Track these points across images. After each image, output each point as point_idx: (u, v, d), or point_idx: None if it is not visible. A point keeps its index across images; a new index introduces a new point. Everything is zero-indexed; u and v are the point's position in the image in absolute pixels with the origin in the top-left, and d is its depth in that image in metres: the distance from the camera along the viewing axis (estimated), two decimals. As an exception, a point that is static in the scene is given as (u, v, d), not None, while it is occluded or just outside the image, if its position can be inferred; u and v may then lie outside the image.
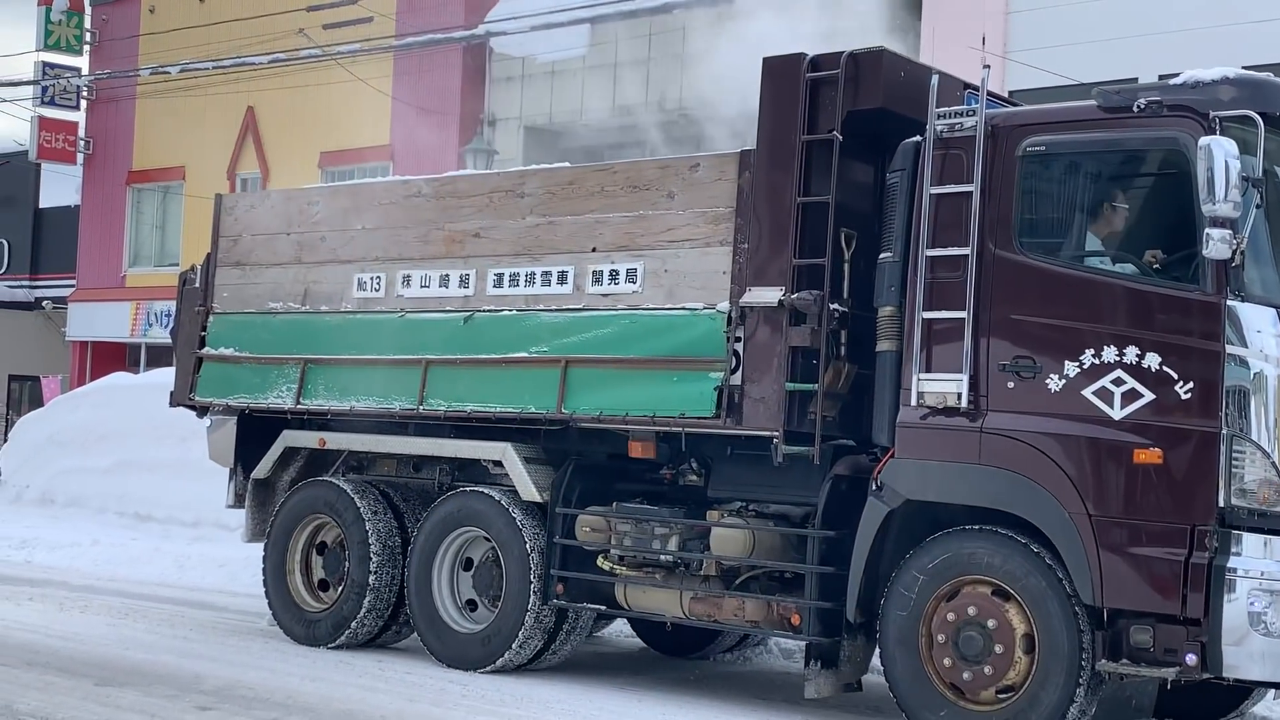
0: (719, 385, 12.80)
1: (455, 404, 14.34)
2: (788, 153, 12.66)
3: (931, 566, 11.88)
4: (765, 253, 12.73)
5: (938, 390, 11.92)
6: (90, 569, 21.71)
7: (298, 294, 15.69)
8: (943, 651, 11.80)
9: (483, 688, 13.34)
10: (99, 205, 42.11)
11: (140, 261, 41.64)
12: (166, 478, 26.61)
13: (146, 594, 19.15)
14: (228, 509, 16.76)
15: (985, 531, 11.75)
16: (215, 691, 12.57)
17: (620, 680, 14.33)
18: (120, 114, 41.24)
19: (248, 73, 36.10)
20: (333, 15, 35.55)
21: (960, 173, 11.99)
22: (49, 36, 41.55)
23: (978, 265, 11.81)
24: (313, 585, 15.78)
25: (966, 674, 11.70)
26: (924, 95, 12.42)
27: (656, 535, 13.43)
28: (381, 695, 12.86)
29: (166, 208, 40.94)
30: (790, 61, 12.82)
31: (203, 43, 37.27)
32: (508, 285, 14.22)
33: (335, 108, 35.24)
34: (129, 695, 12.28)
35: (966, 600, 11.74)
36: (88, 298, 41.80)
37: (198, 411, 16.77)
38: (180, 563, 22.00)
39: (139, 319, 40.25)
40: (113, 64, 40.98)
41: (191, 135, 39.04)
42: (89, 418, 29.13)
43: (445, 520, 14.57)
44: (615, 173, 13.88)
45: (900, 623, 11.97)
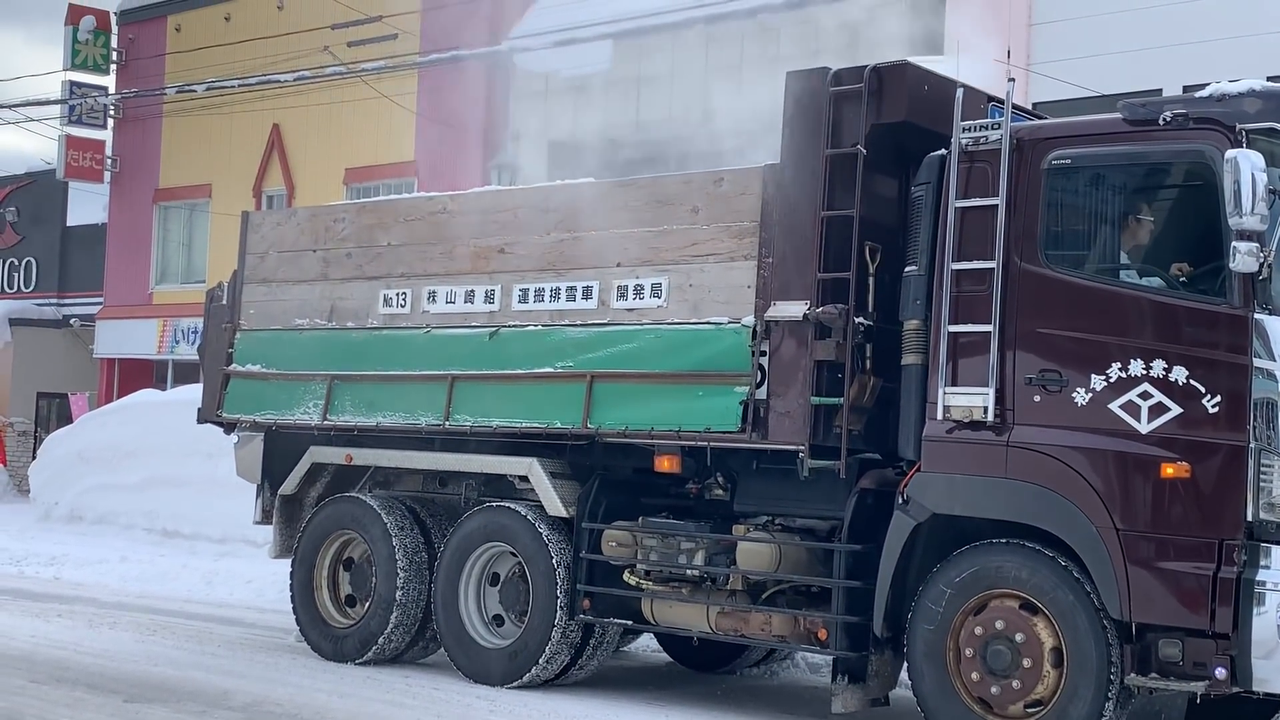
0: (744, 399, 12.77)
1: (481, 419, 14.30)
2: (812, 167, 12.64)
3: (959, 580, 11.83)
4: (790, 267, 12.71)
5: (964, 404, 11.86)
6: (119, 585, 21.69)
7: (324, 310, 15.67)
8: (971, 665, 11.75)
9: (509, 703, 13.34)
10: (126, 223, 41.95)
11: (167, 279, 41.43)
12: (194, 494, 26.67)
13: (174, 610, 19.17)
14: (255, 525, 16.68)
15: (1013, 545, 11.69)
16: (244, 708, 12.57)
17: (647, 695, 14.29)
18: (147, 132, 41.09)
19: (273, 90, 36.03)
20: (357, 33, 35.31)
21: (986, 186, 11.93)
22: (76, 56, 41.38)
23: (1003, 278, 11.74)
24: (340, 601, 15.75)
25: (995, 688, 11.65)
26: (947, 108, 12.37)
27: (683, 550, 13.39)
28: (408, 711, 12.86)
29: (193, 225, 40.73)
30: (813, 75, 12.82)
31: (228, 61, 37.20)
32: (533, 300, 14.20)
33: (360, 125, 35.16)
34: (158, 712, 12.29)
35: (994, 614, 11.69)
36: (115, 315, 41.63)
37: (225, 428, 16.74)
38: (208, 579, 22.04)
39: (166, 336, 40.02)
40: (139, 83, 40.88)
41: (217, 153, 38.95)
42: (117, 435, 29.13)
43: (471, 535, 14.54)
44: (639, 188, 13.85)
45: (928, 637, 11.92)
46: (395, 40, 34.65)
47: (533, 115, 33.32)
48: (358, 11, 35.03)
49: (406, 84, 34.67)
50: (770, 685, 15.38)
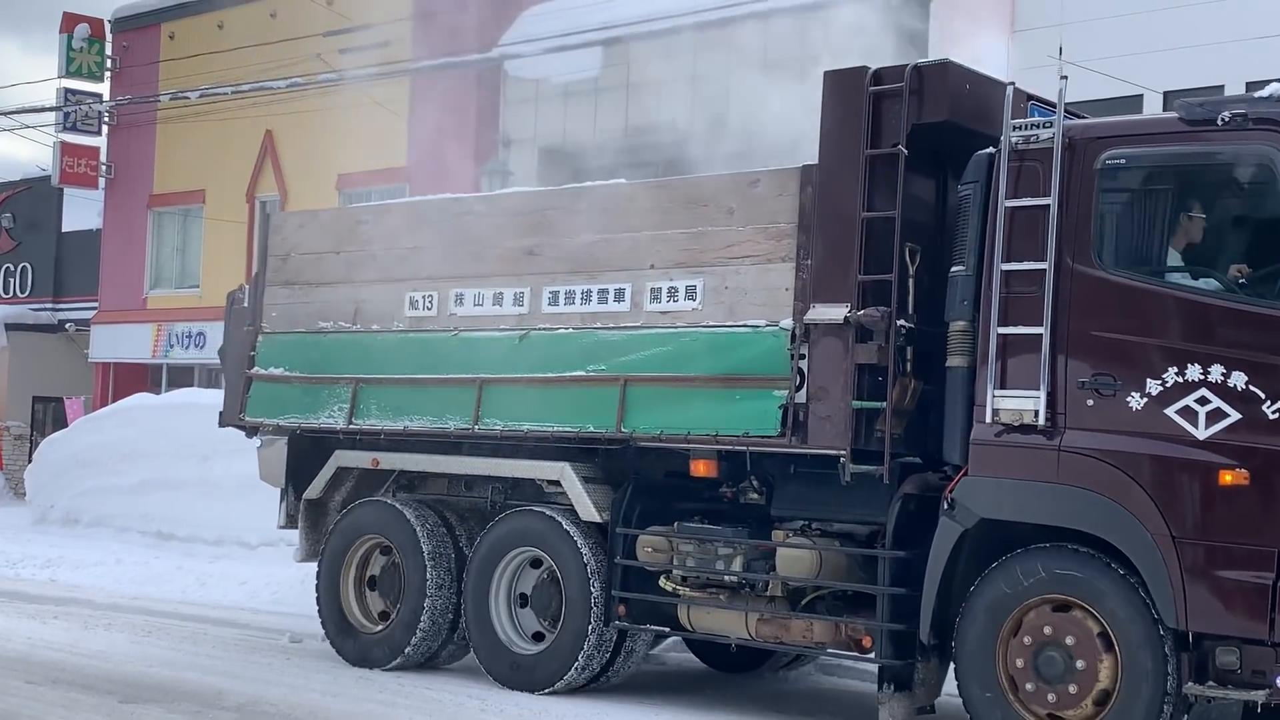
0: (784, 403, 12.24)
1: (511, 423, 13.76)
2: (851, 167, 12.10)
3: (1009, 586, 11.30)
4: (829, 269, 12.18)
5: (1014, 407, 11.33)
6: (114, 587, 21.44)
7: (348, 313, 15.10)
8: (1022, 672, 11.23)
9: (499, 703, 13.05)
10: (120, 229, 41.47)
11: (161, 284, 40.96)
12: (188, 497, 26.31)
13: (169, 612, 18.90)
14: (279, 529, 16.15)
15: (1065, 550, 11.18)
16: (238, 708, 12.36)
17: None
18: (141, 139, 40.59)
19: (266, 97, 35.59)
20: (349, 40, 34.66)
21: (1036, 185, 11.41)
22: (71, 63, 41.01)
23: (1055, 280, 11.22)
24: (366, 606, 15.19)
25: (1048, 694, 11.14)
26: (988, 107, 11.95)
27: (720, 555, 12.87)
28: (401, 711, 12.60)
29: (187, 231, 40.29)
30: (852, 75, 12.28)
31: (222, 68, 36.61)
32: (563, 303, 13.66)
33: (352, 131, 34.14)
34: (153, 712, 12.09)
35: (1047, 620, 11.17)
36: (110, 320, 41.19)
37: (247, 431, 16.15)
38: (202, 581, 21.79)
39: (160, 340, 39.68)
40: (133, 90, 40.34)
41: (211, 159, 38.47)
42: (112, 438, 28.76)
43: (502, 540, 14.02)
44: (672, 189, 13.33)
45: (977, 643, 11.40)
46: (386, 47, 34.11)
47: (524, 121, 33.05)
48: (349, 19, 34.60)
49: (398, 91, 34.27)
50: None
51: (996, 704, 11.31)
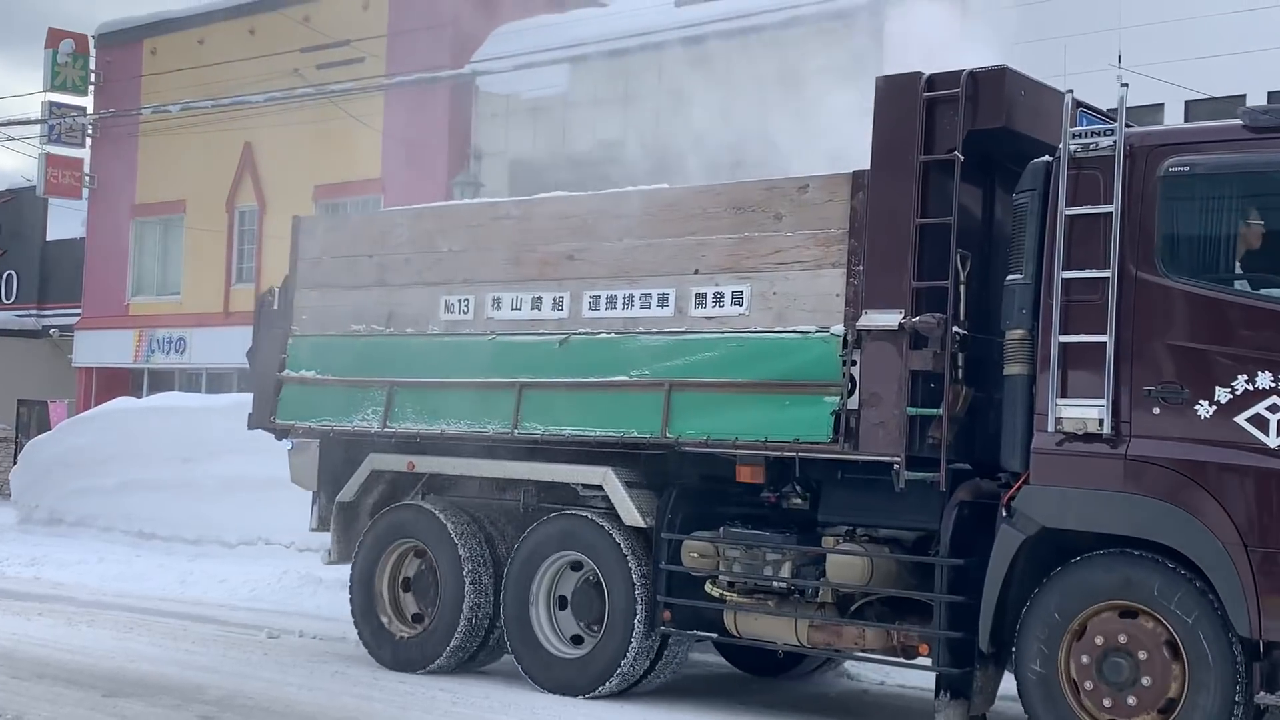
0: (835, 409, 11.52)
1: (552, 427, 13.00)
2: (905, 173, 11.40)
3: (1075, 592, 10.61)
4: (882, 275, 11.47)
5: (1077, 416, 10.64)
6: (97, 585, 20.96)
7: (381, 316, 14.31)
8: (1086, 678, 10.53)
9: (471, 696, 12.61)
10: (103, 237, 40.86)
11: (143, 291, 40.40)
12: (169, 498, 25.84)
13: (151, 608, 18.41)
14: (311, 532, 15.38)
15: (1133, 557, 10.48)
16: (217, 701, 12.05)
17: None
18: (123, 151, 39.99)
19: (245, 111, 35.27)
20: (326, 56, 34.48)
21: (1095, 193, 10.73)
22: (55, 78, 40.43)
23: (1118, 288, 10.55)
24: (401, 610, 14.34)
25: (1111, 701, 10.44)
26: (1043, 114, 11.33)
27: (768, 561, 12.13)
28: (376, 704, 12.22)
29: (168, 239, 39.74)
30: (906, 80, 11.57)
31: (202, 83, 36.32)
32: (604, 308, 12.91)
33: (329, 143, 34.17)
34: (135, 706, 11.81)
35: (1113, 627, 10.47)
36: (93, 326, 40.64)
37: (277, 434, 15.34)
38: (183, 578, 21.31)
39: (142, 346, 39.22)
40: (116, 103, 39.85)
41: (191, 170, 37.88)
42: (95, 440, 28.19)
43: (543, 544, 13.24)
44: (718, 194, 12.55)
45: (1040, 651, 10.70)
46: (362, 63, 33.95)
47: (495, 135, 32.77)
48: (326, 36, 34.42)
49: (373, 105, 34.07)
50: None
51: (1059, 710, 10.62)
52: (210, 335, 37.29)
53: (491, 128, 33.19)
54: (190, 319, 38.14)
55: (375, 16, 34.63)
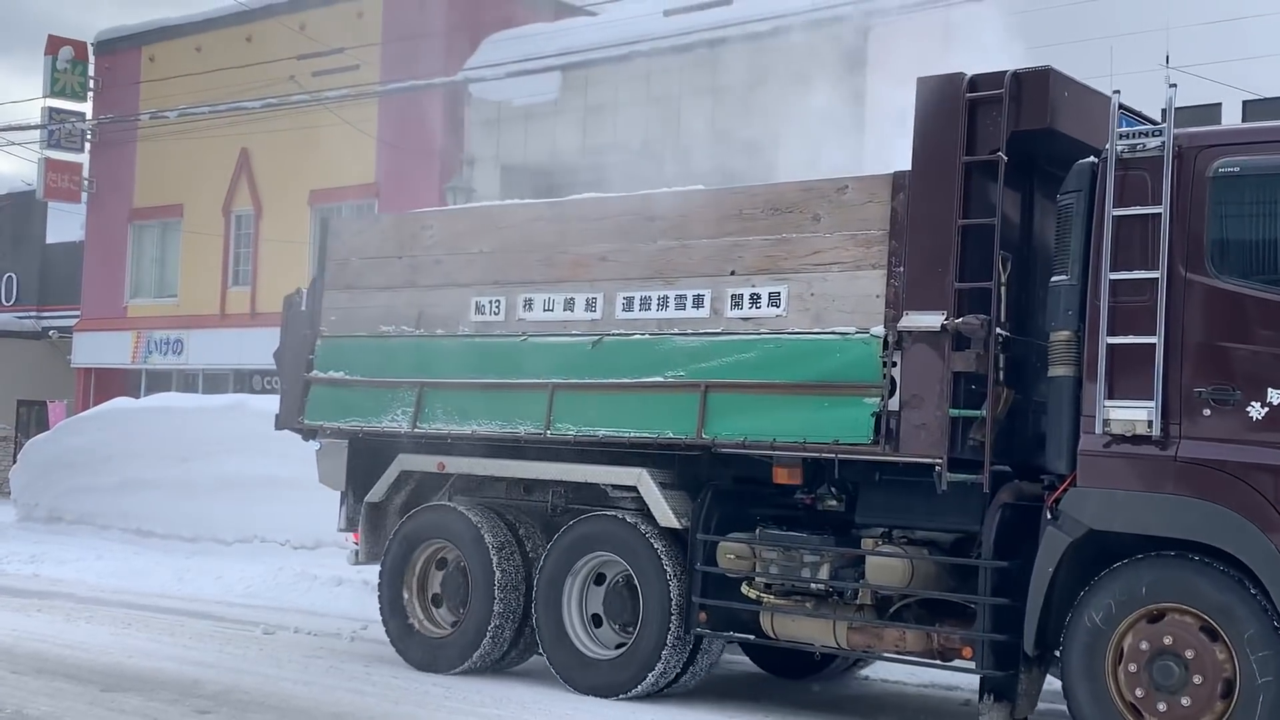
0: (876, 411, 11.08)
1: (585, 428, 12.53)
2: (947, 174, 10.96)
3: (1123, 594, 10.15)
4: (924, 276, 11.02)
5: (1125, 418, 10.20)
6: (95, 581, 20.71)
7: (411, 317, 13.82)
8: (1134, 681, 10.08)
9: (464, 690, 12.27)
10: (102, 241, 40.48)
11: (141, 293, 40.02)
12: (167, 496, 25.58)
13: (148, 605, 18.17)
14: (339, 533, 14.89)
15: (1182, 560, 10.04)
16: (214, 696, 11.83)
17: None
18: (122, 155, 39.57)
19: (242, 117, 34.91)
20: (321, 63, 34.07)
21: (1144, 194, 10.31)
22: (55, 84, 40.02)
23: (1168, 289, 10.14)
24: (430, 610, 13.83)
25: (1161, 704, 9.98)
26: (1086, 115, 10.93)
27: (806, 563, 11.66)
28: (370, 698, 11.94)
29: (165, 243, 39.36)
30: (947, 81, 11.13)
31: (199, 89, 35.92)
32: (638, 309, 12.43)
33: (324, 149, 33.73)
34: (132, 700, 11.60)
35: (1161, 629, 10.02)
36: (91, 327, 40.22)
37: (305, 435, 14.83)
38: (180, 575, 21.01)
39: (139, 347, 38.78)
40: (115, 109, 39.45)
41: (189, 175, 37.54)
42: (93, 440, 27.81)
43: (576, 544, 12.76)
44: (753, 195, 12.08)
45: (1087, 654, 10.26)
46: (357, 70, 33.63)
47: (486, 141, 32.54)
48: (322, 43, 34.06)
49: (368, 111, 33.72)
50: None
51: (1106, 713, 10.19)
52: (207, 337, 37.08)
53: (484, 134, 32.92)
54: (187, 321, 37.82)
55: (369, 25, 34.33)
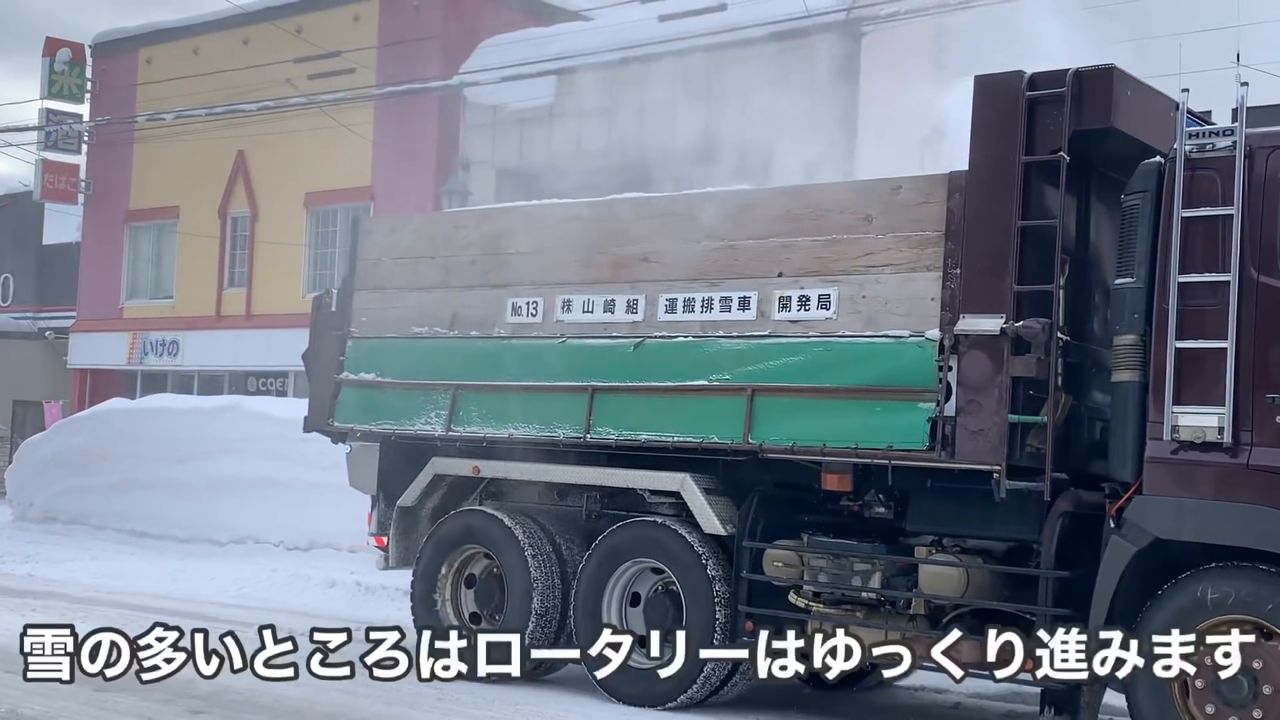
0: (932, 416, 10.54)
1: (627, 432, 11.98)
2: (1006, 175, 10.46)
3: (1189, 606, 9.62)
4: (982, 279, 10.52)
5: (1194, 424, 9.68)
6: (90, 582, 20.22)
7: (444, 318, 13.26)
8: (1202, 696, 9.57)
9: (455, 692, 11.78)
10: (98, 242, 39.92)
11: (137, 294, 39.48)
12: (161, 497, 25.43)
13: (142, 605, 17.50)
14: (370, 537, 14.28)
15: (1250, 569, 9.53)
16: (207, 696, 11.71)
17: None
18: (119, 157, 39.02)
19: (238, 119, 34.35)
20: (317, 66, 33.58)
21: (1213, 195, 9.81)
22: (52, 86, 39.40)
23: (1239, 292, 9.62)
24: (463, 616, 13.25)
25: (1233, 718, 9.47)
26: (1147, 115, 10.49)
27: (857, 571, 11.12)
28: (362, 699, 11.68)
29: (161, 244, 38.84)
30: (1006, 79, 10.62)
31: (196, 91, 35.40)
32: (682, 311, 11.90)
33: (320, 152, 33.44)
34: (127, 700, 11.60)
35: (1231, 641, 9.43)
36: (88, 328, 39.73)
37: (334, 437, 14.28)
38: (174, 576, 20.74)
39: (135, 348, 38.32)
40: (112, 111, 38.85)
41: (185, 177, 37.03)
42: (89, 440, 27.66)
43: (617, 551, 12.21)
44: (802, 195, 11.58)
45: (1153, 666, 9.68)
46: (353, 74, 33.22)
47: (482, 144, 32.27)
48: (318, 46, 33.57)
49: (363, 114, 33.26)
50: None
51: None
52: (202, 338, 36.69)
53: (479, 137, 32.54)
54: (183, 322, 37.37)
55: (366, 29, 33.92)
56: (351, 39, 33.54)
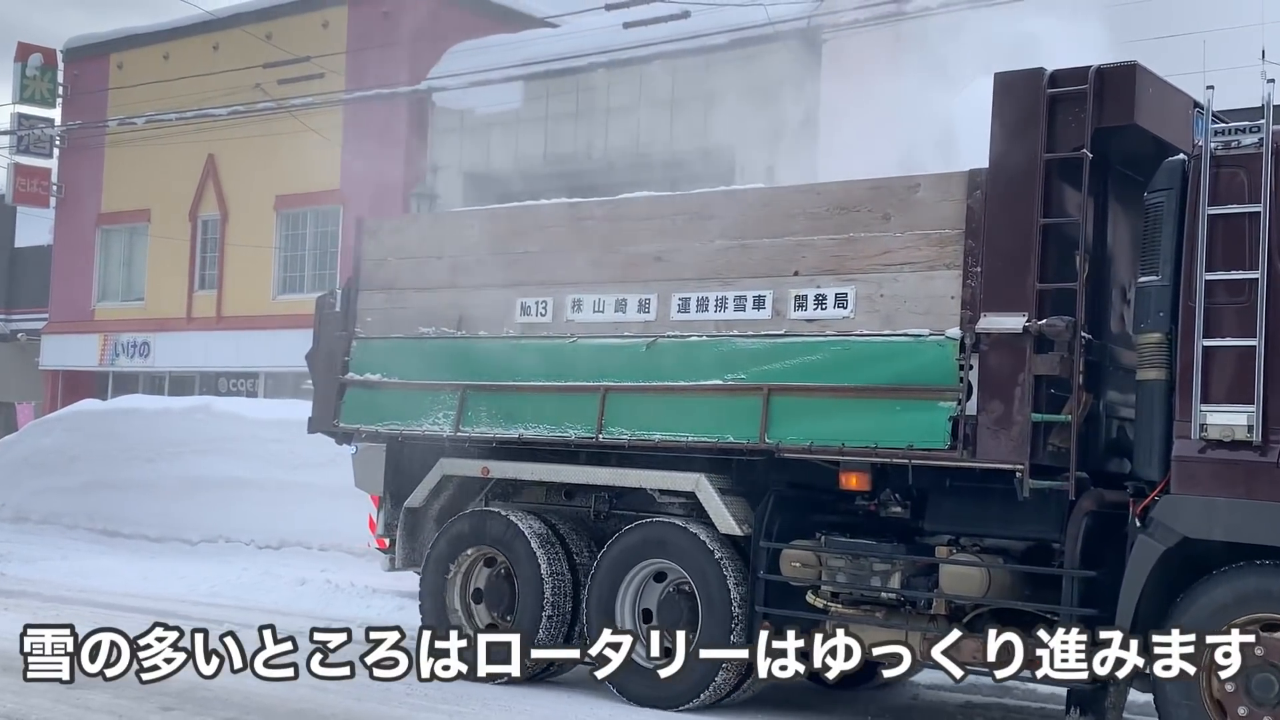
0: (953, 415, 10.20)
1: (640, 433, 11.56)
2: (1028, 172, 10.11)
3: (1217, 605, 9.31)
4: (1004, 277, 10.15)
5: (1223, 423, 9.37)
6: (61, 580, 19.88)
7: (452, 318, 12.79)
8: (1234, 699, 9.26)
9: (424, 689, 11.35)
10: (70, 245, 39.42)
11: (108, 297, 39.00)
12: (133, 497, 25.04)
13: (113, 603, 17.16)
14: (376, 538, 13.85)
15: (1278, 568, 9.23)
16: (177, 693, 11.38)
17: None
18: (90, 161, 38.50)
19: (208, 123, 33.93)
20: (287, 71, 33.08)
21: (1240, 192, 9.50)
22: (24, 90, 38.83)
23: (1268, 289, 9.33)
24: (473, 618, 12.77)
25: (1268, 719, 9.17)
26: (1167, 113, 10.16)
27: (876, 571, 10.73)
28: (331, 695, 11.35)
29: (133, 247, 38.35)
30: (1027, 77, 10.27)
31: (167, 96, 34.97)
32: (695, 310, 11.48)
33: (289, 155, 32.79)
34: (98, 697, 11.33)
35: (1260, 641, 9.17)
36: (59, 330, 39.19)
37: (339, 438, 13.81)
38: (145, 575, 20.31)
39: (107, 350, 37.79)
40: (83, 115, 38.39)
41: (156, 180, 36.57)
42: (60, 441, 27.28)
43: (630, 551, 11.75)
44: (818, 194, 11.16)
45: (1181, 667, 9.39)
46: (322, 79, 32.70)
47: (450, 149, 31.98)
48: (287, 52, 33.15)
49: (332, 119, 32.88)
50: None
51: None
52: (173, 340, 36.26)
53: (447, 142, 32.19)
54: (154, 324, 36.89)
55: (335, 34, 33.55)
56: (321, 44, 33.11)
